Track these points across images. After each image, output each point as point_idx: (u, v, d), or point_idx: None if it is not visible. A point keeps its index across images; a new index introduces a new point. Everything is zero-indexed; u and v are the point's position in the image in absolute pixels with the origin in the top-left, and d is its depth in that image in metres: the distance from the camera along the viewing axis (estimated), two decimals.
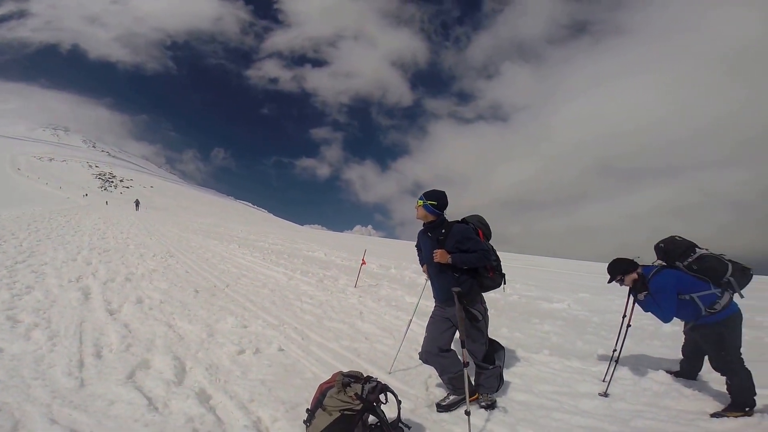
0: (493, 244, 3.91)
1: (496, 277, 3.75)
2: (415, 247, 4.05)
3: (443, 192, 3.63)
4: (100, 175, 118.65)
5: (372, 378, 2.95)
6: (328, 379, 2.97)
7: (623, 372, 4.31)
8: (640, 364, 4.56)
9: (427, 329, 3.73)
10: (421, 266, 3.98)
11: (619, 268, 3.99)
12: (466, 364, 3.31)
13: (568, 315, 7.68)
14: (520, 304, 8.62)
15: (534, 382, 4.22)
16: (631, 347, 5.11)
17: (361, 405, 2.75)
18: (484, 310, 3.69)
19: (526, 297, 9.34)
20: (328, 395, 2.80)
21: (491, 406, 3.59)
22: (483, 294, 3.76)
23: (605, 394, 3.92)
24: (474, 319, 3.57)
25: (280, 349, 4.70)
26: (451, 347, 3.67)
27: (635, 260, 4.00)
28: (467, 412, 3.06)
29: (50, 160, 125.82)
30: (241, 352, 4.50)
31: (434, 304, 3.80)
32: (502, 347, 3.97)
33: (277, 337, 5.08)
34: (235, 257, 12.90)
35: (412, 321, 4.76)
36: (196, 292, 7.17)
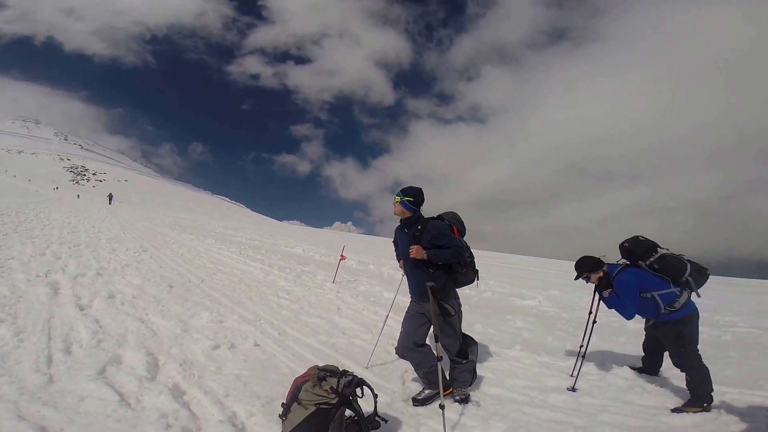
0: (467, 240, 3.97)
1: (469, 273, 3.81)
2: (393, 242, 4.09)
3: (420, 189, 3.69)
4: (72, 168, 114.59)
5: (348, 372, 2.96)
6: (303, 374, 2.97)
7: (590, 367, 4.47)
8: (606, 360, 4.73)
9: (403, 324, 3.79)
10: (398, 262, 4.02)
11: (586, 266, 4.10)
12: (440, 359, 3.36)
13: (539, 312, 7.90)
14: (493, 300, 8.83)
15: (506, 377, 4.34)
16: (597, 343, 5.31)
17: (337, 399, 2.76)
18: (458, 305, 3.75)
19: (500, 294, 9.57)
20: (303, 389, 2.79)
21: (465, 400, 3.67)
22: (457, 290, 3.82)
23: (573, 389, 4.04)
24: (447, 314, 3.62)
25: (256, 345, 4.69)
26: (426, 342, 3.73)
27: (601, 259, 4.11)
28: (441, 406, 3.10)
29: (19, 152, 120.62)
30: (216, 347, 4.47)
31: (410, 300, 3.87)
32: (476, 342, 4.05)
33: (253, 333, 5.06)
34: (211, 252, 12.69)
35: (388, 316, 4.83)
36: (171, 287, 7.05)
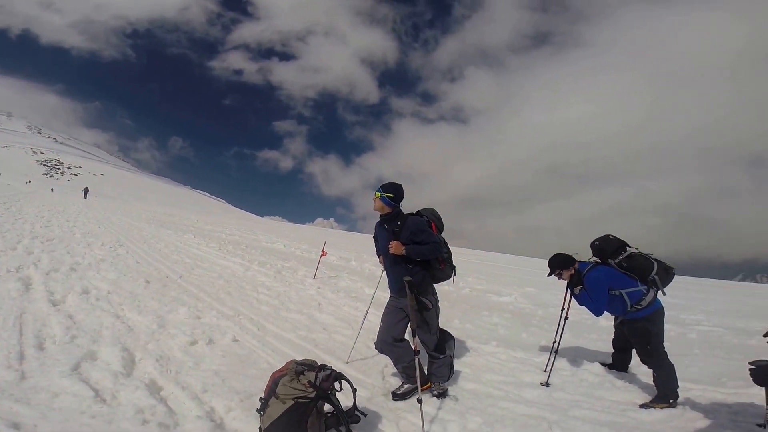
0: (445, 237, 4.04)
1: (446, 269, 3.87)
2: (373, 238, 4.13)
3: (400, 185, 3.73)
4: (46, 162, 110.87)
5: (326, 366, 2.97)
6: (281, 368, 2.97)
7: (563, 363, 4.60)
8: (578, 356, 4.87)
9: (382, 319, 3.82)
10: (378, 257, 4.06)
11: (558, 263, 4.22)
12: (417, 353, 3.42)
13: (515, 308, 8.07)
14: (471, 296, 8.98)
15: (482, 372, 4.43)
16: (570, 339, 5.47)
17: (315, 393, 2.77)
18: (435, 300, 3.81)
19: (477, 290, 9.75)
20: (281, 383, 2.79)
21: (443, 395, 3.73)
22: (435, 286, 3.88)
23: (546, 384, 4.15)
24: (425, 308, 3.67)
25: (235, 340, 4.67)
26: (405, 337, 3.78)
27: (573, 256, 4.22)
28: (419, 401, 3.14)
29: None
30: (194, 342, 4.44)
31: (389, 295, 3.91)
32: (453, 337, 4.12)
33: (232, 328, 5.03)
34: (190, 248, 12.51)
35: (368, 312, 4.87)
36: (147, 282, 6.93)
